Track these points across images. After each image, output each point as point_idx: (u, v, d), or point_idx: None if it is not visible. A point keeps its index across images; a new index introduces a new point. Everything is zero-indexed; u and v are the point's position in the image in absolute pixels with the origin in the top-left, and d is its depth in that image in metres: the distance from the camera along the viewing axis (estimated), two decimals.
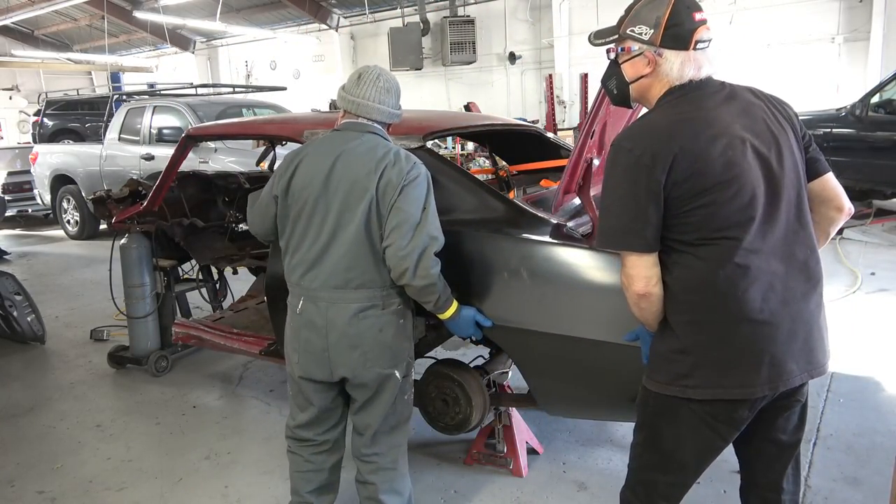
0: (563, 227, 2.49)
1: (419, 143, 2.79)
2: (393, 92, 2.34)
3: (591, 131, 2.38)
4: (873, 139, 7.31)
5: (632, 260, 1.64)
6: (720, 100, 1.64)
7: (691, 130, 1.58)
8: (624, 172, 1.61)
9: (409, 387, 2.39)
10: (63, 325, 5.40)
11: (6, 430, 3.59)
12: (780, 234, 1.62)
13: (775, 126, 1.66)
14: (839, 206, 1.78)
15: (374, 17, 15.36)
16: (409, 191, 2.14)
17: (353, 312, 2.17)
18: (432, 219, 2.19)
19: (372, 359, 2.20)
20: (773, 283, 1.60)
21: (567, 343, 2.29)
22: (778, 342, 1.60)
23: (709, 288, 1.60)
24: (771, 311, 1.59)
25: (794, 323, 1.62)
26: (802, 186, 1.69)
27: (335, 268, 2.17)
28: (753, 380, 1.61)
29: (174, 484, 2.99)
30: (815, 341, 1.68)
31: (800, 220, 1.66)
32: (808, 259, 1.66)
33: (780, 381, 1.62)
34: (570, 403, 2.59)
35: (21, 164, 10.80)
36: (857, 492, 2.68)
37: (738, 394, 1.62)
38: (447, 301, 2.27)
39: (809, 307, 1.66)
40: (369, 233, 2.16)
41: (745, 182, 1.56)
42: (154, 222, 4.04)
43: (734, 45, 10.83)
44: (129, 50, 21.09)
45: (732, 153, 1.56)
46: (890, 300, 5.03)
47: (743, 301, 1.58)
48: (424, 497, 2.79)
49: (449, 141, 10.45)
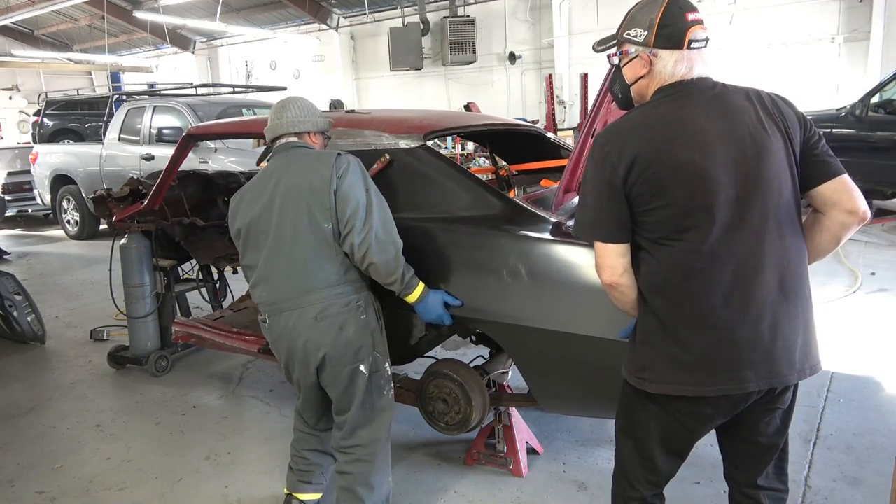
0: (562, 225, 2.49)
1: (419, 143, 2.79)
2: (305, 107, 2.52)
3: (592, 131, 2.38)
4: (873, 139, 7.31)
5: (598, 248, 1.70)
6: (703, 102, 1.64)
7: (660, 132, 1.61)
8: (594, 166, 1.67)
9: (384, 381, 2.43)
10: (63, 325, 5.40)
11: (6, 430, 3.59)
12: (749, 242, 1.60)
13: (761, 133, 1.62)
14: (851, 208, 1.67)
15: (374, 17, 15.36)
16: (346, 180, 2.28)
17: (312, 316, 2.29)
18: (377, 197, 2.35)
19: (336, 357, 2.31)
20: (733, 289, 1.60)
21: (564, 339, 2.30)
22: (734, 348, 1.61)
23: (668, 287, 1.64)
24: (729, 318, 1.60)
25: (756, 332, 1.61)
26: (789, 195, 1.63)
27: (287, 279, 2.32)
28: (705, 380, 1.63)
29: (174, 484, 2.99)
30: (780, 352, 1.62)
31: (780, 230, 1.62)
32: (785, 271, 1.63)
33: (733, 385, 1.62)
34: (567, 400, 2.59)
35: (21, 164, 10.80)
36: (857, 492, 2.68)
37: (691, 391, 1.65)
38: (412, 280, 2.38)
39: (778, 318, 1.62)
40: (315, 237, 2.29)
41: (706, 187, 1.57)
42: (154, 221, 4.04)
43: (734, 45, 10.83)
44: (129, 50, 21.09)
45: (696, 157, 1.57)
46: (890, 300, 5.03)
47: (700, 305, 1.61)
48: (424, 497, 2.80)
49: (449, 141, 10.44)
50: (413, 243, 2.70)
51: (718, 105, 1.64)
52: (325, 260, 2.30)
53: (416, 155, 2.77)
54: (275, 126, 2.47)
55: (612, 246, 1.67)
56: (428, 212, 2.69)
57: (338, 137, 2.93)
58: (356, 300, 2.35)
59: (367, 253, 2.26)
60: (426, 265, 2.64)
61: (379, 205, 2.34)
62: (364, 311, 2.36)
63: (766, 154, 1.61)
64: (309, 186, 2.29)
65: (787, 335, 1.64)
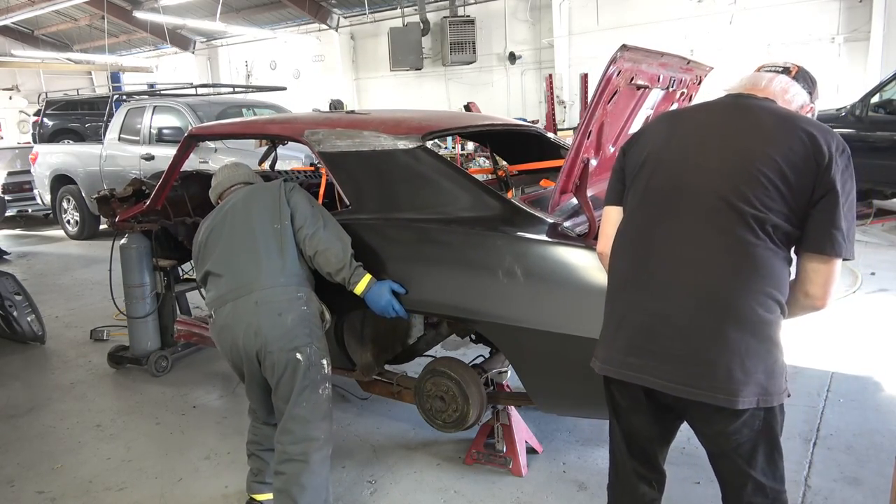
0: (559, 225, 2.49)
1: (418, 143, 2.79)
2: (245, 166, 3.03)
3: (587, 132, 2.38)
4: (873, 139, 7.31)
5: (603, 212, 1.91)
6: (709, 109, 1.79)
7: (656, 127, 1.83)
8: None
9: (321, 378, 2.47)
10: (63, 325, 5.40)
11: (6, 430, 3.59)
12: (672, 244, 1.66)
13: (743, 156, 1.61)
14: (806, 291, 1.65)
15: (374, 17, 15.37)
16: (294, 197, 2.65)
17: (253, 301, 2.44)
18: (318, 208, 2.70)
19: (273, 340, 2.40)
20: (638, 274, 1.70)
21: (560, 340, 2.30)
22: (623, 329, 1.71)
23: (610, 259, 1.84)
24: (627, 299, 1.72)
25: (645, 321, 1.66)
26: (744, 221, 1.58)
27: (234, 274, 2.51)
28: (601, 355, 1.75)
29: (174, 484, 2.99)
30: (662, 352, 1.63)
31: (720, 248, 1.60)
32: (709, 283, 1.60)
33: (613, 369, 1.72)
34: (563, 401, 2.60)
35: (21, 164, 10.80)
36: (857, 492, 2.68)
37: (598, 368, 1.76)
38: (358, 270, 2.60)
39: (679, 324, 1.61)
40: (263, 236, 2.53)
41: (656, 183, 1.72)
42: (157, 221, 4.05)
43: (734, 45, 10.83)
44: (129, 50, 21.10)
45: (662, 156, 1.73)
46: (890, 300, 5.03)
47: (612, 283, 1.80)
48: (424, 497, 2.80)
49: (449, 141, 10.45)
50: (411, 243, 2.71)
51: (717, 115, 1.76)
52: (270, 253, 2.50)
53: (415, 156, 2.77)
54: (232, 176, 2.88)
55: (611, 208, 1.92)
56: (426, 212, 2.69)
57: (337, 138, 2.94)
58: (297, 292, 2.50)
59: (317, 242, 2.54)
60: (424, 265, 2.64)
61: (328, 217, 2.68)
62: (305, 304, 2.50)
63: (733, 177, 1.60)
64: (259, 198, 2.64)
65: (677, 338, 1.61)
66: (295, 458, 2.40)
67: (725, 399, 1.58)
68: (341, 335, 3.01)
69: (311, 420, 2.42)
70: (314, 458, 2.42)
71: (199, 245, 2.67)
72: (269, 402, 2.57)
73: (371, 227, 2.77)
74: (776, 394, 1.62)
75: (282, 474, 2.42)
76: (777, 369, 1.61)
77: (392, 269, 2.70)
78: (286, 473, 2.41)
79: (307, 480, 2.40)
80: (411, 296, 2.65)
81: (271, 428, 2.61)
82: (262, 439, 2.66)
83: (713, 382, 1.58)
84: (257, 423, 2.69)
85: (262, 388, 2.55)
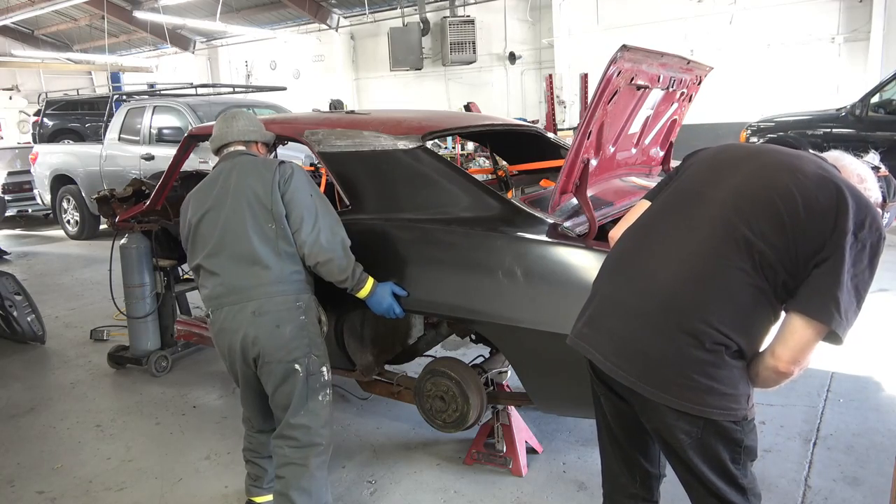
0: (559, 226, 2.49)
1: (418, 143, 2.79)
2: (252, 119, 2.71)
3: (587, 132, 2.38)
4: (873, 139, 7.32)
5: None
6: (765, 145, 1.86)
7: (715, 147, 1.86)
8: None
9: (320, 385, 2.44)
10: (63, 325, 5.40)
11: (6, 430, 3.59)
12: (667, 240, 1.69)
13: (766, 183, 1.61)
14: (774, 349, 1.58)
15: (374, 17, 15.37)
16: (290, 186, 2.43)
17: (251, 311, 2.36)
18: (322, 201, 2.50)
19: (270, 352, 2.36)
20: (632, 259, 1.74)
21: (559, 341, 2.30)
22: (592, 303, 1.77)
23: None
24: (606, 278, 1.78)
25: (615, 297, 1.71)
26: (734, 238, 1.57)
27: (230, 276, 2.40)
28: (573, 325, 1.80)
29: (174, 484, 2.99)
30: (612, 332, 1.68)
31: (704, 257, 1.59)
32: (680, 297, 1.58)
33: (572, 336, 1.77)
34: (564, 401, 2.60)
35: (21, 164, 10.81)
36: (857, 492, 2.68)
37: (569, 340, 1.78)
38: (362, 276, 2.52)
39: (634, 312, 1.64)
40: (257, 237, 2.38)
41: (682, 185, 1.79)
42: (157, 221, 4.06)
43: (734, 45, 10.84)
44: (129, 50, 21.10)
45: (701, 167, 1.80)
46: (890, 300, 5.03)
47: (609, 252, 1.89)
48: (424, 497, 2.80)
49: (449, 141, 10.45)
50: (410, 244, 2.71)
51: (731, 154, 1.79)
52: (267, 259, 2.38)
53: (415, 156, 2.77)
54: (223, 134, 2.61)
55: (641, 202, 1.99)
56: (426, 213, 2.69)
57: (337, 138, 2.94)
58: (296, 301, 2.41)
59: (317, 253, 2.40)
60: (423, 265, 2.64)
61: (325, 209, 2.48)
62: (304, 312, 2.42)
63: (726, 212, 1.61)
64: (252, 189, 2.41)
65: (626, 322, 1.65)
66: (294, 461, 2.40)
67: (651, 392, 1.58)
68: (341, 335, 3.00)
69: (311, 426, 2.42)
70: (314, 463, 2.42)
71: (190, 226, 2.52)
72: (265, 409, 2.55)
73: (371, 227, 2.76)
74: (717, 409, 1.55)
75: (281, 478, 2.43)
76: (721, 389, 1.55)
77: (392, 269, 2.69)
78: (285, 477, 2.41)
79: (307, 484, 2.41)
80: (411, 296, 2.64)
81: (266, 435, 2.60)
82: (258, 447, 2.65)
83: (643, 371, 1.59)
84: (252, 431, 2.66)
85: (258, 394, 2.53)
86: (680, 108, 3.28)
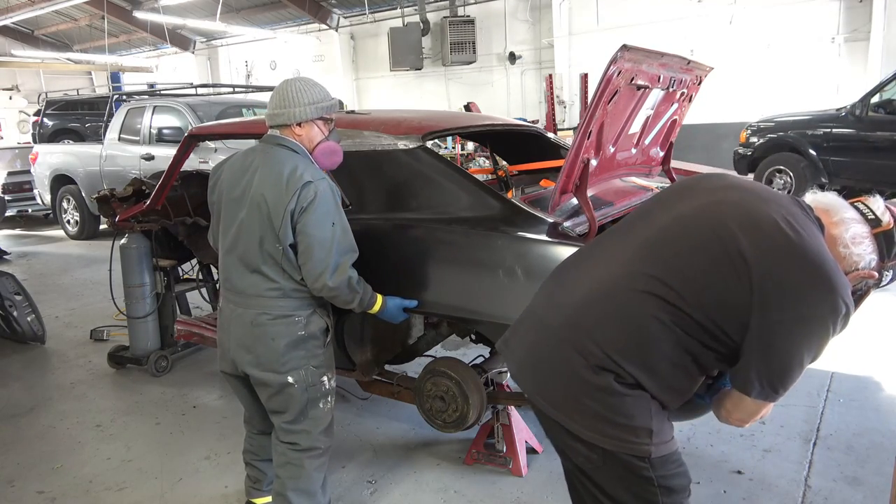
0: (559, 225, 2.49)
1: (418, 143, 2.79)
2: (289, 95, 2.30)
3: (587, 132, 2.38)
4: (873, 139, 7.32)
5: None
6: (748, 181, 1.74)
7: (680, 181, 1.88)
8: None
9: (320, 395, 2.41)
10: (63, 325, 5.40)
11: (6, 430, 3.59)
12: (604, 257, 1.67)
13: (710, 210, 1.54)
14: (724, 403, 1.60)
15: (374, 17, 15.37)
16: (311, 215, 2.21)
17: (249, 321, 2.32)
18: (342, 234, 2.29)
19: (264, 363, 2.32)
20: (567, 270, 1.77)
21: None
22: (526, 310, 1.76)
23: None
24: (545, 285, 1.78)
25: (537, 308, 1.72)
26: (656, 267, 1.51)
27: (237, 278, 2.35)
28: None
29: (174, 484, 2.99)
30: (520, 333, 1.72)
31: (621, 278, 1.56)
32: (581, 308, 1.57)
33: (500, 344, 1.78)
34: None
35: (21, 164, 10.81)
36: (857, 492, 2.68)
37: (497, 345, 1.80)
38: (371, 299, 2.45)
39: (545, 324, 1.64)
40: (263, 252, 2.28)
41: (641, 205, 1.82)
42: (157, 221, 4.05)
43: (734, 45, 10.84)
44: (129, 50, 21.10)
45: (664, 192, 1.78)
46: (890, 300, 5.03)
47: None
48: (424, 497, 2.80)
49: (449, 141, 10.45)
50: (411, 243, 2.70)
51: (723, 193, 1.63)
52: (271, 273, 2.29)
53: (415, 156, 2.77)
54: (274, 114, 2.34)
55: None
56: (426, 212, 2.69)
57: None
58: (295, 317, 2.32)
59: (319, 289, 2.28)
60: (424, 265, 2.64)
61: (341, 241, 2.28)
62: (304, 328, 2.33)
63: (674, 245, 1.54)
64: (266, 202, 2.23)
65: (537, 339, 1.64)
66: (293, 462, 2.40)
67: (545, 406, 1.56)
68: (341, 335, 3.00)
69: (312, 431, 2.41)
70: (312, 464, 2.42)
71: (214, 208, 2.44)
72: (260, 408, 2.52)
73: (371, 227, 2.76)
74: (611, 438, 1.49)
75: (279, 478, 2.43)
76: (611, 418, 1.49)
77: (392, 269, 2.69)
78: (283, 477, 2.41)
79: (305, 485, 2.41)
80: (412, 296, 2.64)
81: (266, 437, 2.58)
82: (258, 449, 2.64)
83: (541, 385, 1.58)
84: (253, 432, 2.65)
85: (251, 393, 2.50)
86: (680, 109, 3.28)
